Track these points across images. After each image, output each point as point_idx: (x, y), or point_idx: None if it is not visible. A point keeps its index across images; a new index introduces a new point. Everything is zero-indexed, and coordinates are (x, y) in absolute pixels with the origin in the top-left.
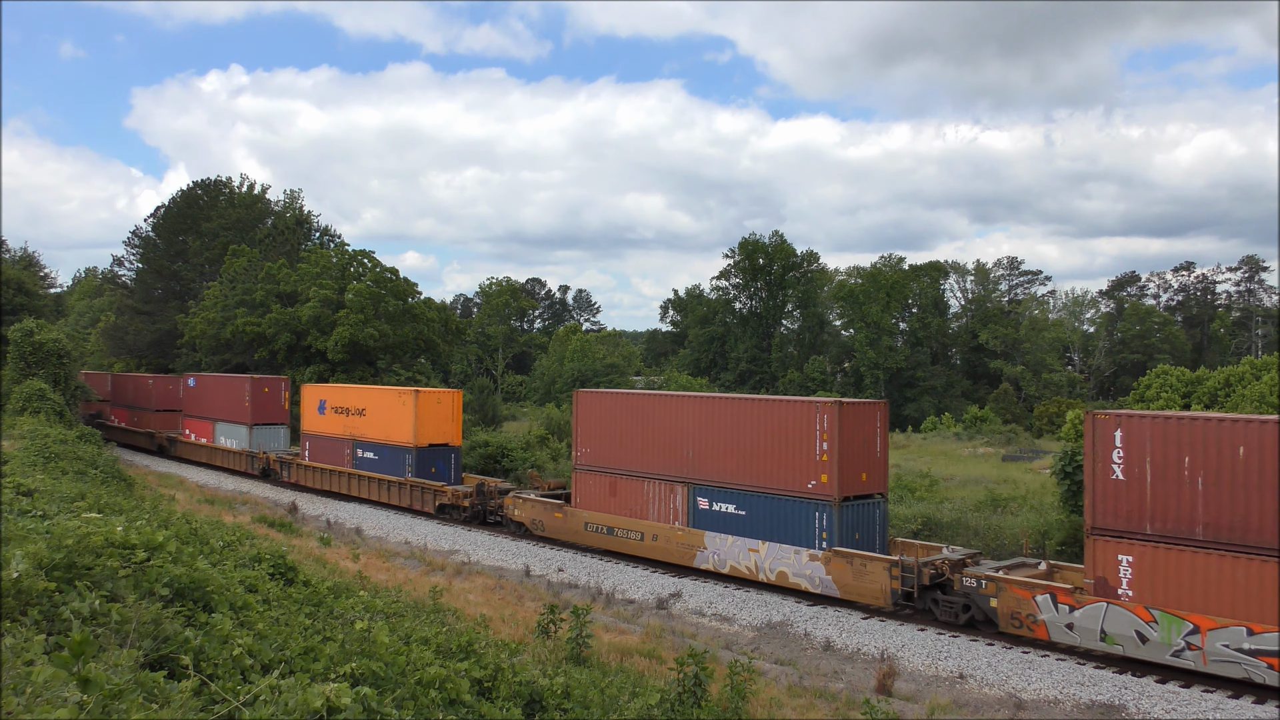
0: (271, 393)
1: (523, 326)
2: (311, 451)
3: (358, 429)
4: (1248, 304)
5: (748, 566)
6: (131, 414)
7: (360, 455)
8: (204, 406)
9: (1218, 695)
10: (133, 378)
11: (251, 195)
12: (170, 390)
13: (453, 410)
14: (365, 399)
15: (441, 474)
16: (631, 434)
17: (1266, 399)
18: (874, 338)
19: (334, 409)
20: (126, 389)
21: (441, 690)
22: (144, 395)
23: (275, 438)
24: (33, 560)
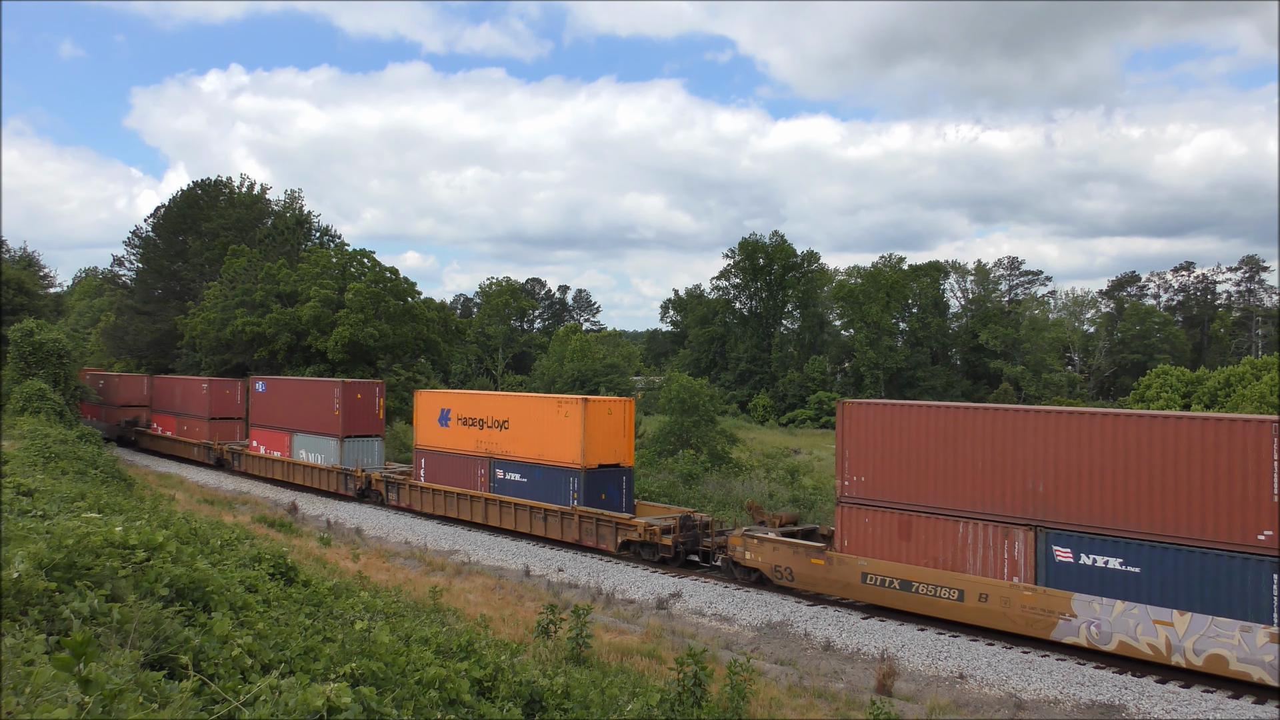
0: (365, 399)
1: (523, 326)
2: (430, 470)
3: (498, 445)
4: (1248, 304)
5: (1151, 644)
6: (180, 422)
7: (501, 477)
8: (277, 415)
9: (1218, 695)
10: (181, 381)
11: (251, 195)
12: (227, 395)
13: (624, 423)
14: (509, 409)
15: (612, 501)
16: (935, 458)
17: (1267, 399)
18: (874, 338)
19: (461, 420)
20: (171, 394)
21: (441, 690)
22: (194, 400)
23: (369, 452)
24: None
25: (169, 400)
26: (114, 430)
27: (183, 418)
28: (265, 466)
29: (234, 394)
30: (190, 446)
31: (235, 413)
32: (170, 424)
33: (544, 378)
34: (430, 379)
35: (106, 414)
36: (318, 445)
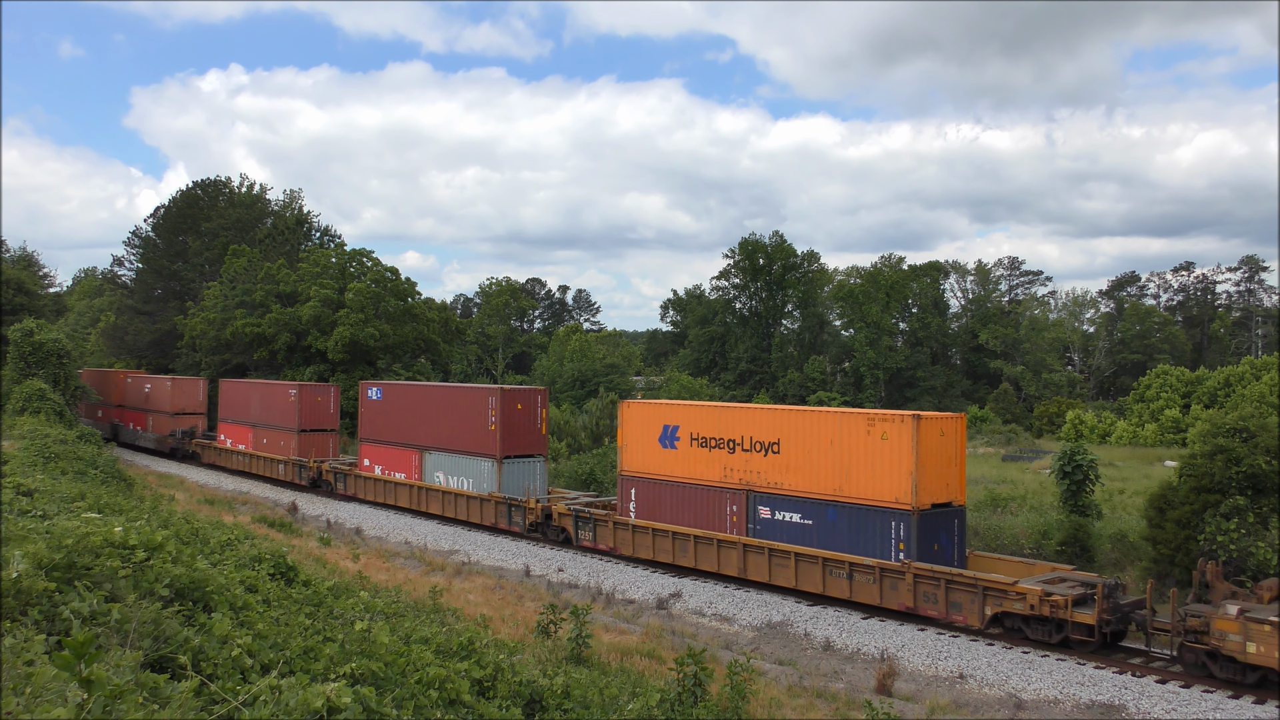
0: (526, 411)
1: (523, 326)
2: (645, 504)
3: (760, 474)
4: (1248, 304)
5: None
6: (258, 434)
7: (768, 517)
8: (398, 428)
9: (1218, 695)
10: (259, 386)
11: (251, 195)
12: (319, 403)
13: (957, 447)
14: (780, 426)
15: (945, 552)
16: None
17: (1266, 399)
18: (874, 338)
19: (698, 440)
20: (243, 400)
21: (441, 690)
22: (278, 409)
23: (531, 475)
24: (33, 560)
25: (240, 408)
26: (165, 442)
27: (262, 429)
28: (383, 491)
29: (326, 402)
30: (273, 463)
31: (328, 424)
32: (242, 436)
33: (544, 378)
34: (430, 379)
35: (155, 423)
36: (464, 468)
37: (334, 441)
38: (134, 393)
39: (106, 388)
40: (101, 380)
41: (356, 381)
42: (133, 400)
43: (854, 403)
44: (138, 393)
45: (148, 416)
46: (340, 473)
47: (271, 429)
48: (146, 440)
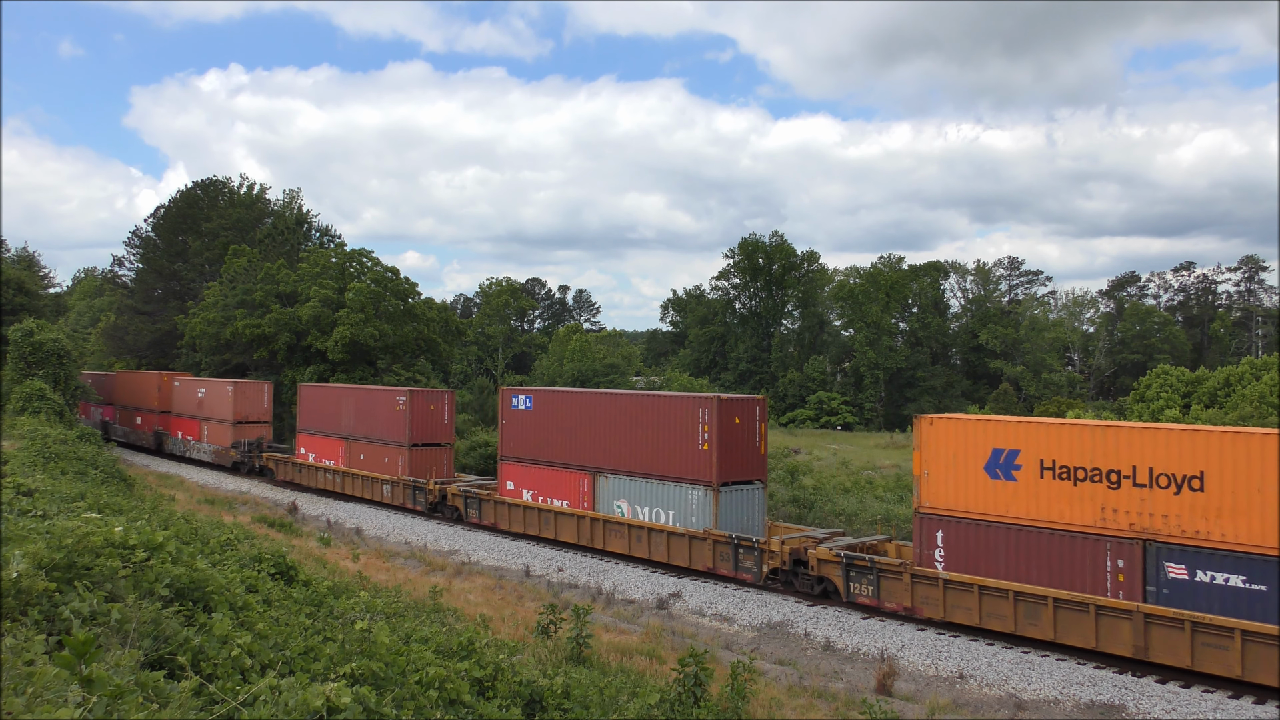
0: (744, 424)
1: (523, 326)
2: (958, 551)
3: (1172, 520)
4: (1248, 304)
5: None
6: (353, 448)
7: (1186, 578)
8: (559, 446)
9: (1218, 695)
10: (354, 393)
11: (251, 195)
12: (432, 413)
13: None
14: (1200, 452)
15: None
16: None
17: (1266, 399)
18: (874, 338)
19: (1055, 470)
20: (335, 409)
21: (441, 690)
22: (381, 419)
23: (749, 506)
24: (33, 560)
25: (325, 417)
26: (226, 455)
27: (359, 443)
28: (537, 521)
29: (440, 411)
30: (375, 484)
31: (443, 436)
32: (329, 449)
33: (544, 378)
34: (430, 379)
35: (212, 433)
36: (661, 496)
37: (448, 458)
38: (184, 398)
39: (144, 392)
40: (138, 384)
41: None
42: (182, 406)
43: (854, 403)
44: (188, 398)
45: (202, 425)
46: (473, 497)
47: (372, 443)
48: (201, 452)
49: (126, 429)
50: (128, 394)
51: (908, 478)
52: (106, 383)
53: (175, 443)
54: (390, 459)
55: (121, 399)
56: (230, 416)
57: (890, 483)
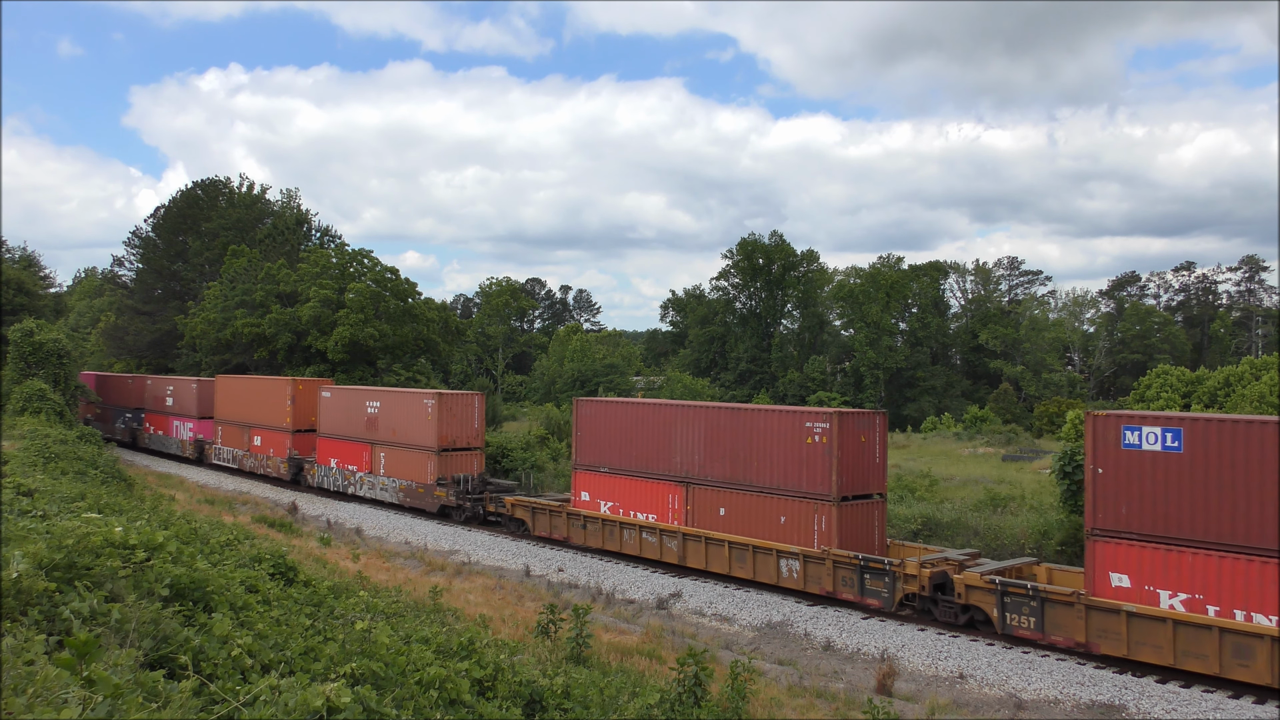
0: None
1: (523, 326)
2: None
3: None
4: (1248, 304)
5: None
6: (378, 452)
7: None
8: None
9: (1218, 695)
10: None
11: (251, 195)
12: (461, 415)
13: None
14: None
15: None
16: None
17: (1266, 399)
18: (874, 338)
19: None
20: (347, 413)
21: (441, 690)
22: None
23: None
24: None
25: (347, 419)
26: (423, 495)
27: (385, 447)
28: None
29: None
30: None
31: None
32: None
33: (544, 378)
34: (430, 379)
35: (396, 463)
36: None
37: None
38: (338, 413)
39: (266, 402)
40: (255, 393)
41: (357, 378)
42: (336, 425)
43: (854, 403)
44: (346, 413)
45: (375, 452)
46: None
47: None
48: (380, 490)
49: (237, 452)
50: (236, 404)
51: (908, 478)
52: (202, 390)
53: (328, 474)
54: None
55: (228, 410)
56: (432, 441)
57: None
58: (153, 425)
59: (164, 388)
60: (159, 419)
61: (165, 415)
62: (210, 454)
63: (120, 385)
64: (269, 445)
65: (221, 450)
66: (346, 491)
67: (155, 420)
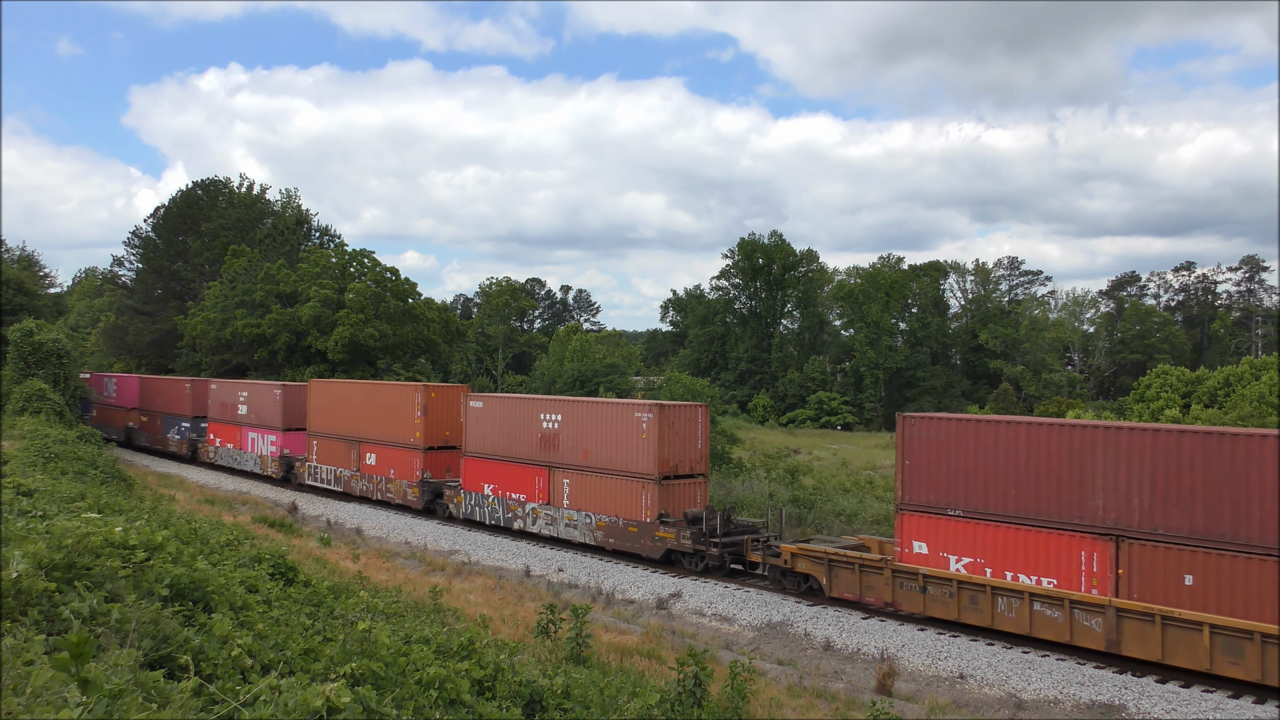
0: None
1: (523, 326)
2: None
3: None
4: (1248, 304)
5: None
6: (558, 478)
7: None
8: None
9: (1218, 695)
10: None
11: (251, 195)
12: (683, 433)
13: None
14: None
15: None
16: None
17: (1266, 399)
18: (874, 338)
19: None
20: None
21: (441, 690)
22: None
23: None
24: (33, 560)
25: (504, 436)
26: (647, 541)
27: (572, 472)
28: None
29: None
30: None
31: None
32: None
33: (544, 378)
34: (430, 379)
35: (583, 492)
36: None
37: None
38: (496, 426)
39: (386, 412)
40: (372, 401)
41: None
42: (494, 442)
43: (854, 403)
44: (507, 426)
45: (557, 480)
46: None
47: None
48: (572, 528)
49: (341, 472)
50: (338, 414)
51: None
52: (289, 397)
53: (481, 504)
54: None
55: (327, 422)
56: (650, 467)
57: (890, 482)
58: (219, 437)
59: (234, 393)
60: (227, 430)
61: (236, 426)
62: (302, 473)
63: (174, 391)
64: (389, 465)
65: (319, 469)
66: (512, 526)
67: (222, 431)
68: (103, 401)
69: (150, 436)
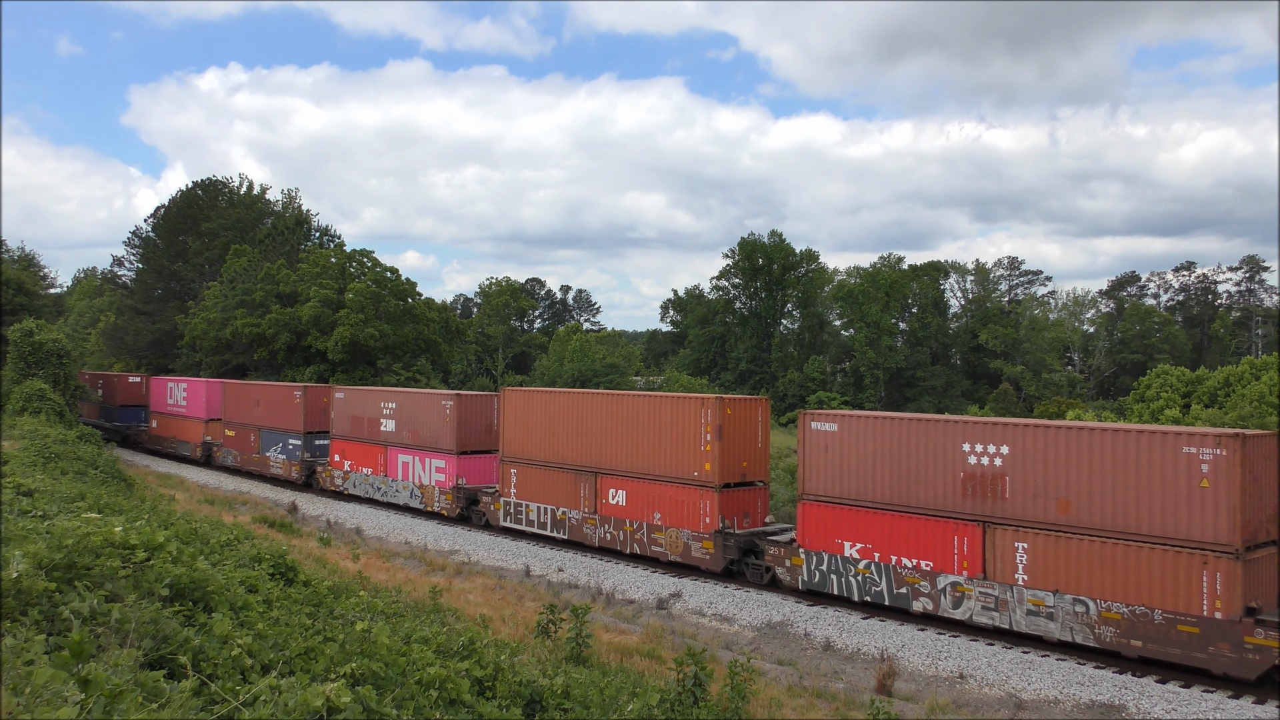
0: None
1: (523, 326)
2: None
3: None
4: (1248, 304)
5: None
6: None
7: None
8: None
9: (1218, 695)
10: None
11: (251, 195)
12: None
13: None
14: None
15: None
16: None
17: (1266, 399)
18: (874, 338)
19: None
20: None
21: (441, 690)
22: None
23: None
24: (33, 560)
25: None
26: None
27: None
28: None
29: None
30: None
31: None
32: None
33: (544, 378)
34: (430, 379)
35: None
36: None
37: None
38: (568, 430)
39: (472, 420)
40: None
41: (357, 379)
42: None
43: (854, 403)
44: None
45: None
46: None
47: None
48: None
49: (568, 514)
50: (556, 435)
51: None
52: (466, 412)
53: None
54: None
55: (531, 444)
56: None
57: None
58: (350, 460)
59: (374, 404)
60: (363, 451)
61: (377, 445)
62: (495, 512)
63: (276, 399)
64: (651, 506)
65: (523, 508)
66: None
67: (355, 453)
68: (168, 410)
69: (240, 455)
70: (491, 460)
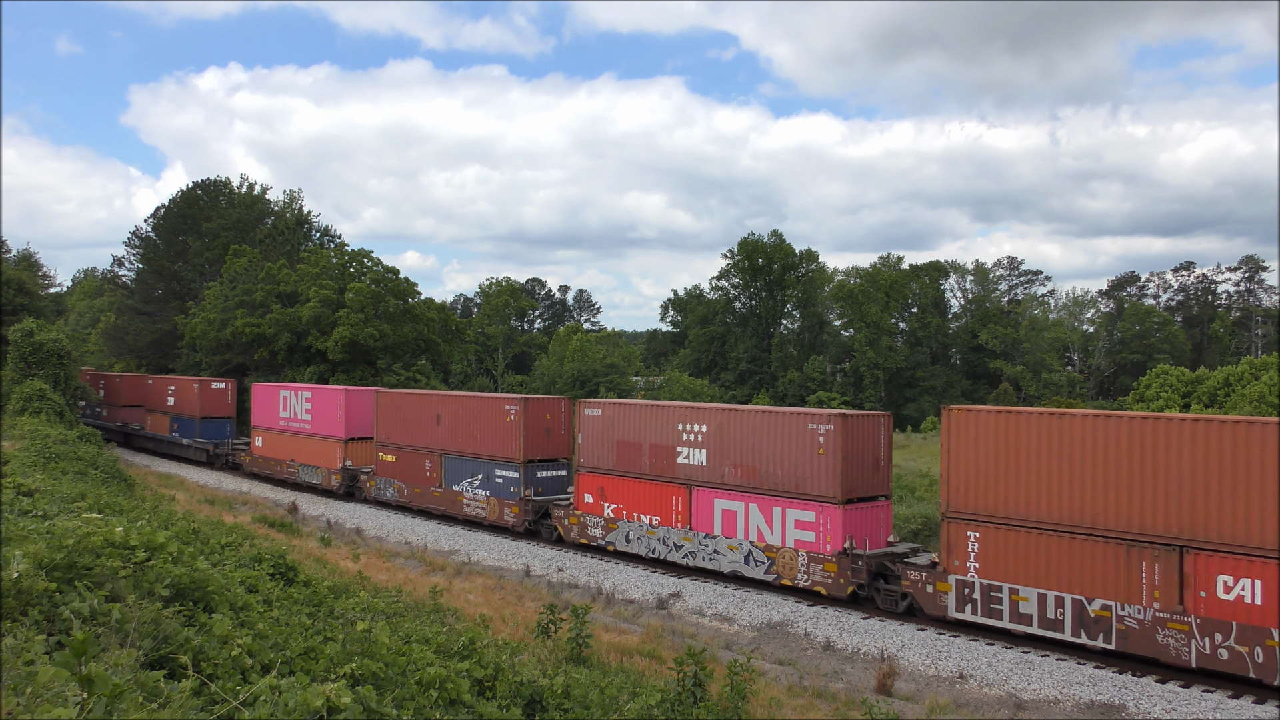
0: None
1: (523, 326)
2: None
3: None
4: (1248, 304)
5: None
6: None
7: None
8: None
9: (1218, 695)
10: None
11: (251, 195)
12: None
13: None
14: None
15: None
16: None
17: (1266, 399)
18: (874, 338)
19: None
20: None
21: (441, 690)
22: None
23: None
24: (33, 560)
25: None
26: None
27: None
28: None
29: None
30: None
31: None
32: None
33: (544, 378)
34: (430, 379)
35: None
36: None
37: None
38: None
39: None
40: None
41: (357, 379)
42: None
43: (854, 403)
44: None
45: None
46: None
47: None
48: None
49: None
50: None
51: (907, 478)
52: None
53: None
54: None
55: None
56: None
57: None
58: (617, 502)
59: (662, 425)
60: (644, 492)
61: (675, 485)
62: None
63: (477, 417)
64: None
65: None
66: None
67: (632, 495)
68: (280, 426)
69: (408, 489)
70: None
